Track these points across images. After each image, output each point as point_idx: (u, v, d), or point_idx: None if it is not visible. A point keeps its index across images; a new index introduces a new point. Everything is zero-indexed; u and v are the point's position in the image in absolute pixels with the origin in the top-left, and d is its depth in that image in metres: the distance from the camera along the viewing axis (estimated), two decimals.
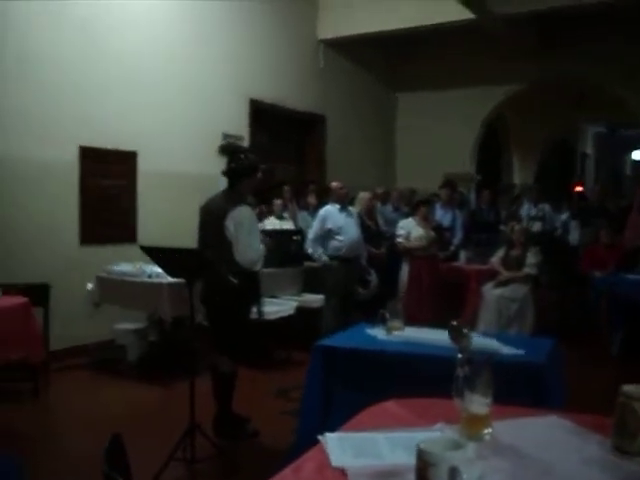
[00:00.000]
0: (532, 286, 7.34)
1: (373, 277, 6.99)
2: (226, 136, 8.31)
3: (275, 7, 9.18)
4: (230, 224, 4.19)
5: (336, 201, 6.66)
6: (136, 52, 7.21)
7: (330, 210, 6.64)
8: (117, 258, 6.41)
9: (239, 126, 8.65)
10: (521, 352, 3.00)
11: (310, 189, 9.05)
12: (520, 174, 14.69)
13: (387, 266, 7.48)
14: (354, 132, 10.93)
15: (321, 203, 7.61)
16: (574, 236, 8.69)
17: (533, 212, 9.24)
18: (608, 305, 6.91)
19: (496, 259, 7.48)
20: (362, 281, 6.89)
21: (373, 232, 7.51)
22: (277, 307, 6.51)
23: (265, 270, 6.81)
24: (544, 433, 1.85)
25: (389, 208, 9.22)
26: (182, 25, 7.82)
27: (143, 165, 7.23)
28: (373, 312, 7.16)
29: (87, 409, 5.16)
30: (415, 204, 7.60)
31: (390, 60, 11.69)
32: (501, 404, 2.10)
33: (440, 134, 11.45)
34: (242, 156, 4.43)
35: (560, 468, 1.59)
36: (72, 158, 6.55)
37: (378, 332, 3.45)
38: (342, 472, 1.57)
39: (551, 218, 9.19)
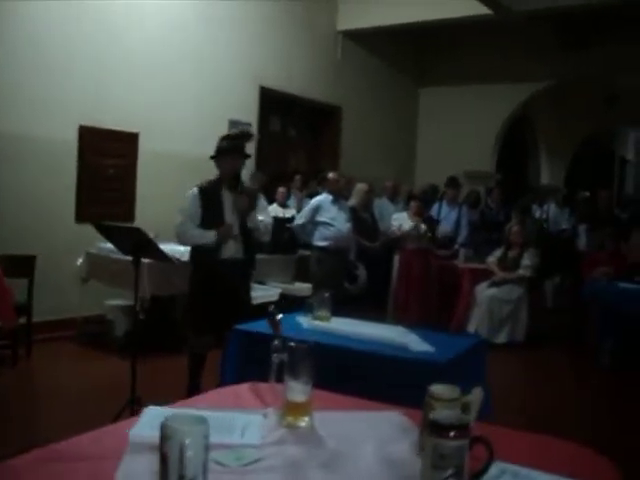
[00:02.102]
0: (527, 289, 7.27)
1: (362, 272, 6.99)
2: (233, 122, 8.38)
3: None
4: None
5: (331, 192, 6.69)
6: (144, 33, 7.32)
7: (323, 200, 6.67)
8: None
9: (248, 113, 8.70)
10: (430, 350, 2.99)
11: (319, 178, 9.07)
12: (549, 176, 14.41)
13: (379, 261, 7.46)
14: (372, 125, 10.89)
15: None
16: (582, 240, 8.53)
17: (537, 213, 9.07)
18: (599, 314, 6.73)
19: (492, 259, 7.42)
20: (350, 276, 6.90)
21: (368, 225, 7.50)
22: (261, 292, 6.57)
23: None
24: (369, 427, 1.84)
25: (400, 203, 9.15)
26: (195, 7, 7.89)
27: (145, 146, 7.35)
28: (363, 307, 7.23)
29: (62, 379, 5.35)
30: (408, 198, 7.58)
31: (413, 55, 11.62)
32: (387, 401, 2.12)
33: (462, 131, 11.34)
34: (218, 141, 4.56)
35: (349, 461, 1.58)
36: (71, 137, 6.71)
37: (305, 321, 3.47)
38: None
39: (555, 219, 8.98)
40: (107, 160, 6.99)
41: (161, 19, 7.51)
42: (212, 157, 4.54)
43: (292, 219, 7.51)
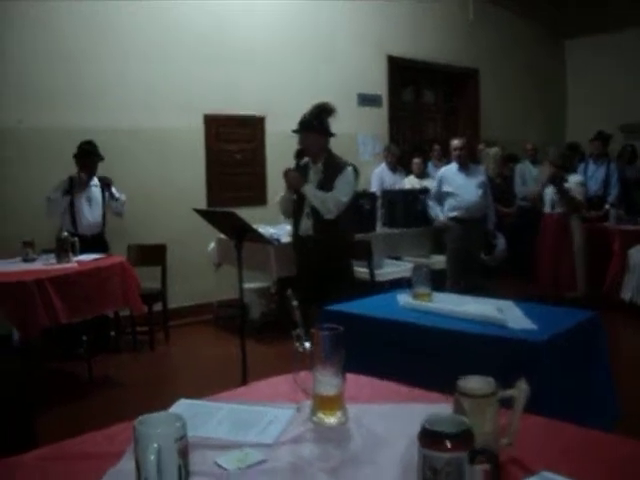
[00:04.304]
0: None
1: (500, 241, 6.61)
2: (361, 95, 8.23)
3: None
4: None
5: (456, 160, 6.37)
6: (263, 12, 7.31)
7: (447, 170, 6.38)
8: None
9: (377, 84, 8.50)
10: (530, 327, 2.69)
11: None
12: None
13: (520, 228, 7.01)
14: (513, 85, 10.25)
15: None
16: None
17: None
18: None
19: None
20: (487, 246, 6.55)
21: (502, 190, 7.06)
22: (392, 268, 6.40)
23: (387, 230, 6.80)
24: (408, 423, 1.63)
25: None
26: None
27: (272, 129, 7.37)
28: (504, 278, 6.84)
29: (197, 361, 5.52)
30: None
31: (554, 4, 10.74)
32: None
33: (616, 82, 10.39)
34: None
35: (365, 465, 1.41)
36: (197, 126, 6.88)
37: (404, 299, 3.25)
38: None
39: None
40: (233, 146, 7.11)
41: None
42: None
43: (425, 191, 7.24)
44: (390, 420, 1.67)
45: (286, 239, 5.71)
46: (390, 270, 6.34)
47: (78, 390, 4.81)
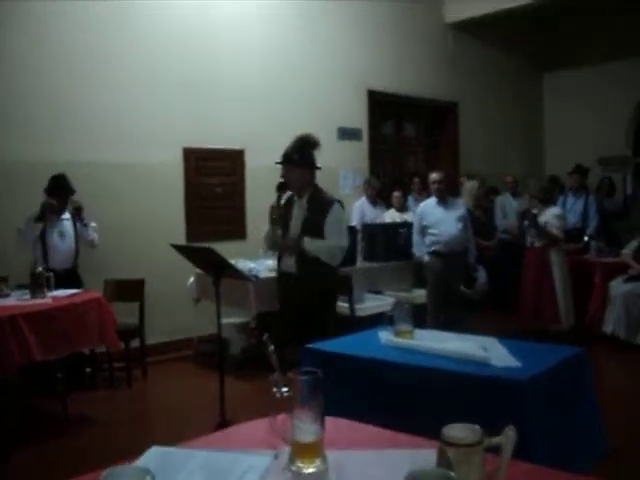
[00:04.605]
0: None
1: (481, 274, 6.58)
2: (342, 129, 8.24)
3: None
4: None
5: (435, 194, 6.36)
6: (244, 47, 7.33)
7: (426, 205, 6.38)
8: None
9: (357, 119, 8.53)
10: (515, 365, 2.64)
11: None
12: None
13: (501, 261, 7.00)
14: (492, 118, 10.36)
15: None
16: None
17: None
18: None
19: (627, 251, 6.78)
20: (468, 279, 6.51)
21: (482, 223, 7.06)
22: (373, 303, 6.35)
23: (367, 264, 6.75)
24: (390, 471, 1.57)
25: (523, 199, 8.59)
26: (294, 14, 7.84)
27: (252, 162, 7.34)
28: (486, 312, 6.81)
29: (175, 399, 5.40)
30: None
31: (532, 38, 10.91)
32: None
33: (593, 115, 10.53)
34: None
35: None
36: (176, 160, 6.82)
37: (385, 336, 3.19)
38: None
39: None
40: (213, 179, 7.06)
41: (262, 34, 7.50)
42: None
43: (405, 224, 7.22)
44: (372, 467, 1.60)
45: (265, 274, 5.65)
46: (371, 305, 6.29)
47: (54, 428, 4.68)
